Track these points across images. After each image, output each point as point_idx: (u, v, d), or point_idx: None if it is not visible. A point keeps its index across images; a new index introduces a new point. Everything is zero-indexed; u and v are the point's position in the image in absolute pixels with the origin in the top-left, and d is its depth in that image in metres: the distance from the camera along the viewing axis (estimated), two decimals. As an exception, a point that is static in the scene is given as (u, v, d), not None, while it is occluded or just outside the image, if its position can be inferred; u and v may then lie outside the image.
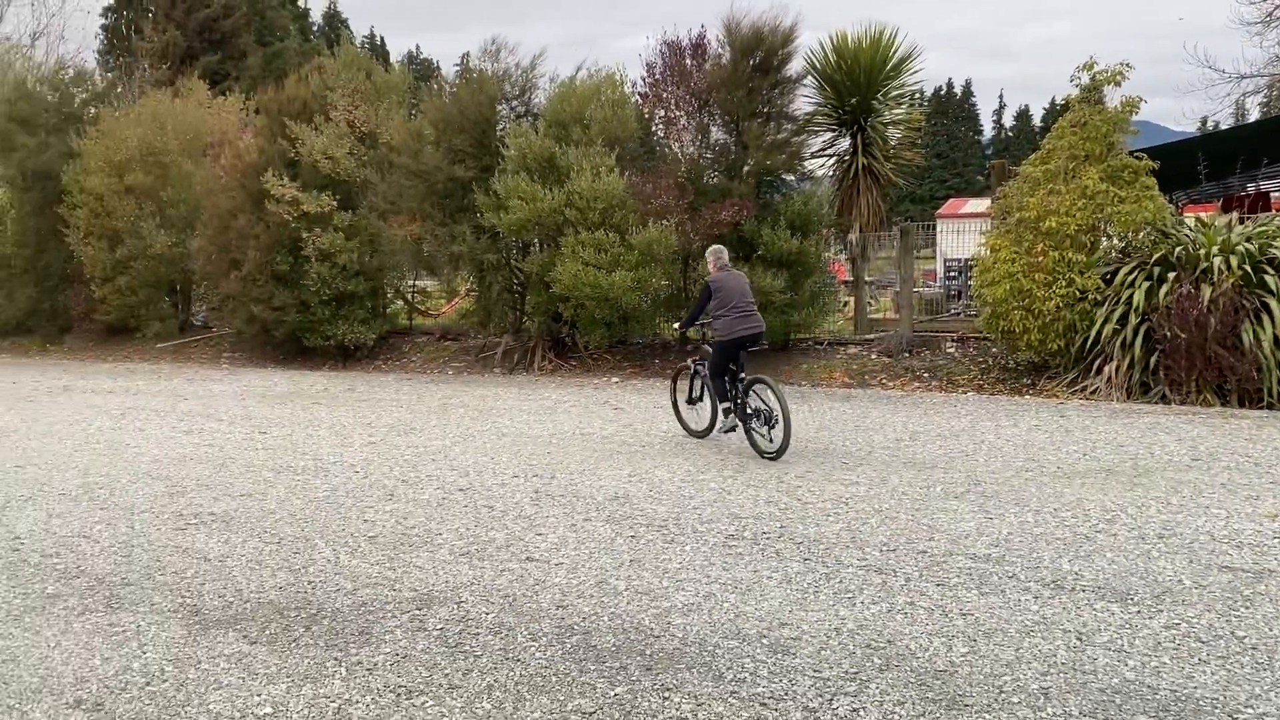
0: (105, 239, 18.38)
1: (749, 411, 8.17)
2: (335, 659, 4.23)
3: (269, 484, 7.53)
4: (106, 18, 43.51)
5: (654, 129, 15.11)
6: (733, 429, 8.37)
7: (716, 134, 13.83)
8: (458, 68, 18.05)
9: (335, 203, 15.48)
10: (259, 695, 3.90)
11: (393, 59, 48.28)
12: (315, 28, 49.00)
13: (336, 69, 16.35)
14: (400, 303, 17.99)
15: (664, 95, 13.60)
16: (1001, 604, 4.64)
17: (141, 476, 7.87)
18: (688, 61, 13.44)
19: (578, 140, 13.54)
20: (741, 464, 7.82)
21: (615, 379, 13.51)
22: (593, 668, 4.11)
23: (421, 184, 14.56)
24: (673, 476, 7.47)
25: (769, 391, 8.03)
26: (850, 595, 4.85)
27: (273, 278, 15.71)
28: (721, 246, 9.13)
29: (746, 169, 13.34)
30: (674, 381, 9.84)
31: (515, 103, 14.89)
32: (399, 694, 3.90)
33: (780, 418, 7.88)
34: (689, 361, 9.77)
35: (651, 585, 5.06)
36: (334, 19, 50.35)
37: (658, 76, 13.67)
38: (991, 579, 4.97)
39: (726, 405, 8.42)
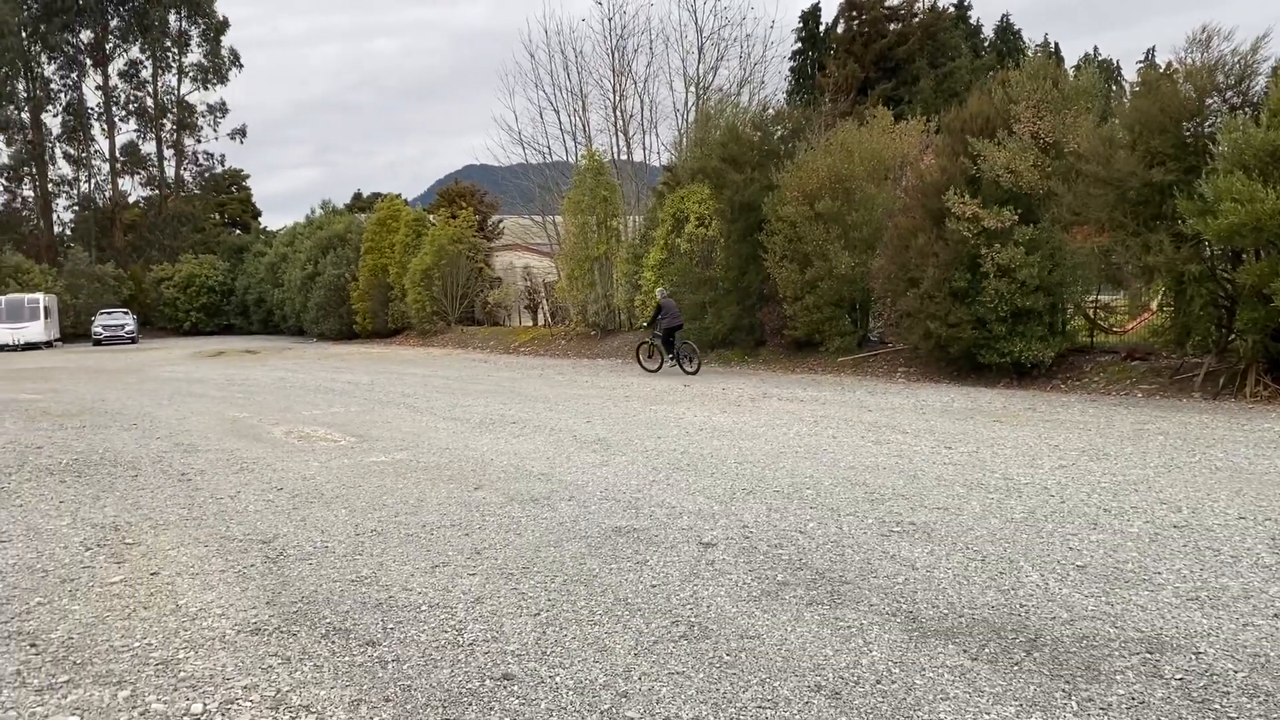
0: (796, 261, 20.20)
1: (681, 356, 20.06)
2: (1064, 690, 4.02)
3: (962, 499, 7.55)
4: (795, 60, 48.41)
5: None
6: (672, 366, 20.20)
7: None
8: (1141, 64, 16.60)
9: (1016, 217, 15.17)
10: (987, 714, 3.85)
11: (1067, 63, 46.15)
12: (986, 43, 48.75)
13: (1021, 80, 16.02)
14: (1080, 319, 17.02)
15: None
16: None
17: (841, 481, 8.41)
18: None
19: (1314, 128, 11.52)
20: None
21: (1359, 411, 11.21)
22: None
23: (1111, 191, 13.60)
24: None
25: (691, 348, 20.18)
26: None
27: (950, 294, 15.91)
28: (662, 288, 21.89)
29: None
30: (639, 348, 21.59)
31: (1229, 94, 13.15)
32: (1141, 744, 3.57)
33: (697, 359, 19.99)
34: (648, 337, 21.08)
35: None
36: (1006, 31, 49.47)
37: None
38: None
39: (672, 358, 20.25)
